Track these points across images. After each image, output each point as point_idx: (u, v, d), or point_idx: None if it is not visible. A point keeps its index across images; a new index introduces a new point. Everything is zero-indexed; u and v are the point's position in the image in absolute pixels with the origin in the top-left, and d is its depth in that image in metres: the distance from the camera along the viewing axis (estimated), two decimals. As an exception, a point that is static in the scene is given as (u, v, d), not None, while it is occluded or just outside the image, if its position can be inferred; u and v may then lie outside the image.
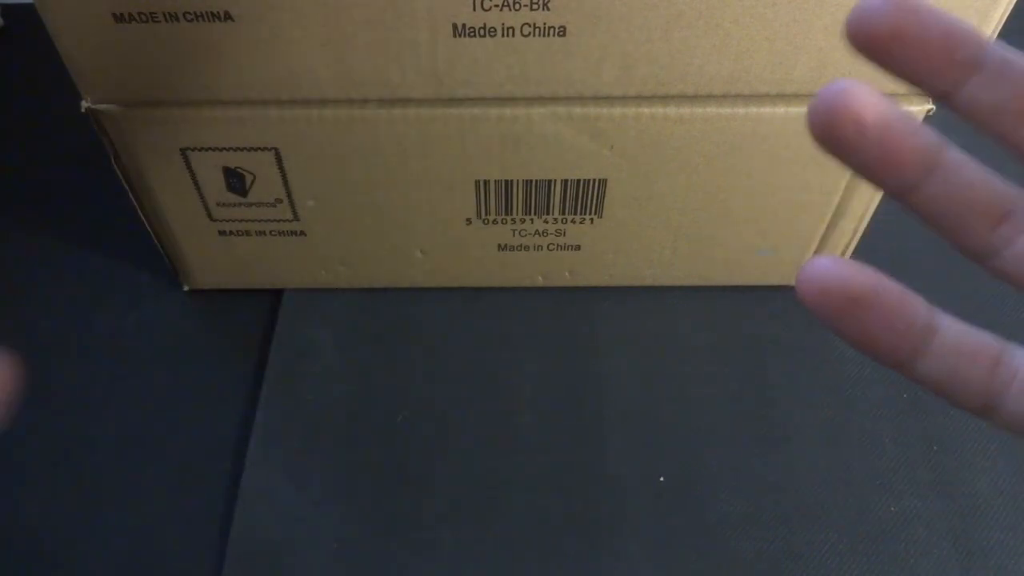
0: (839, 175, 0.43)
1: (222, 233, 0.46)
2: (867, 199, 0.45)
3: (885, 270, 0.25)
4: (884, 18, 0.16)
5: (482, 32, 0.35)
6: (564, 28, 0.35)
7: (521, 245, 0.48)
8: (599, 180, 0.43)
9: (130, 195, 0.44)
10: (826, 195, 0.44)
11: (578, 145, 0.41)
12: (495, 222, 0.46)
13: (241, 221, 0.46)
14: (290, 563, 0.40)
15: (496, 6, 0.34)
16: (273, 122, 0.40)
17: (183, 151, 0.41)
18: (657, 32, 0.36)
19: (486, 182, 0.43)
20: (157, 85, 0.38)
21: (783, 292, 0.50)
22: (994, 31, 0.36)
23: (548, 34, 0.36)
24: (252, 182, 0.43)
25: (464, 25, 0.35)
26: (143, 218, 0.45)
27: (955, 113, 0.17)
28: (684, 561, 0.41)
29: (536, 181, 0.43)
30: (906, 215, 0.19)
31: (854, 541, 0.41)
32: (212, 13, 0.35)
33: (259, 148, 0.41)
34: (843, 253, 0.48)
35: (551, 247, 0.48)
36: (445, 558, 0.41)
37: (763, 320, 0.50)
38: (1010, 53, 0.17)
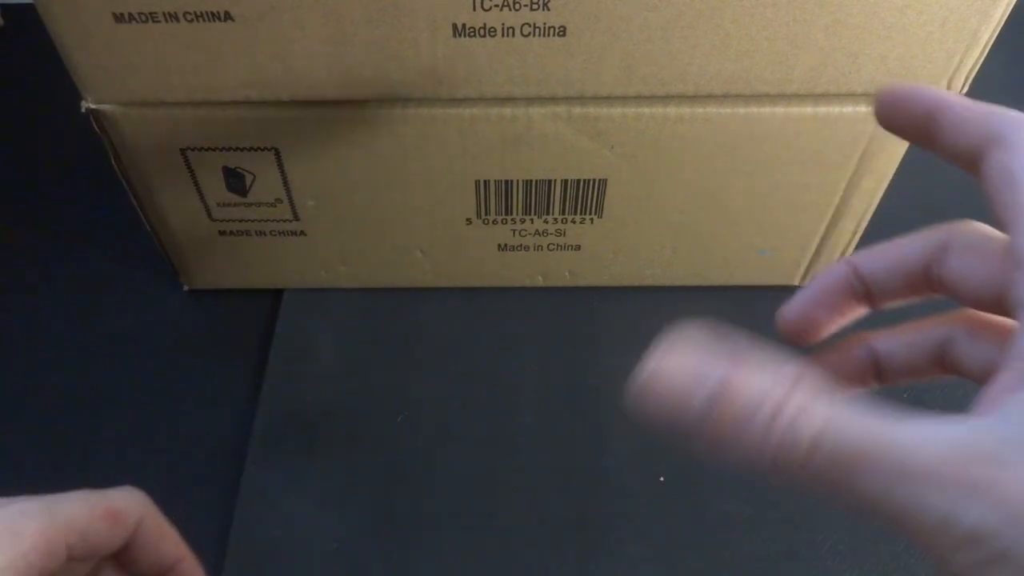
0: (839, 175, 0.43)
1: (222, 233, 0.46)
2: (867, 199, 0.45)
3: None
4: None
5: (482, 32, 0.35)
6: (564, 28, 0.35)
7: (521, 245, 0.48)
8: (599, 180, 0.43)
9: (130, 195, 0.44)
10: (826, 195, 0.44)
11: (578, 145, 0.41)
12: (495, 222, 0.46)
13: (241, 221, 0.46)
14: (290, 563, 0.40)
15: (496, 6, 0.34)
16: (273, 122, 0.40)
17: (183, 151, 0.41)
18: (657, 32, 0.36)
19: (486, 182, 0.43)
20: (157, 85, 0.38)
21: (783, 292, 0.50)
22: (994, 31, 0.36)
23: (548, 34, 0.36)
24: (252, 182, 0.43)
25: (464, 25, 0.35)
26: (143, 218, 0.45)
27: None
28: (684, 561, 0.41)
29: (536, 181, 0.43)
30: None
31: (854, 541, 0.41)
32: (212, 13, 0.35)
33: (259, 148, 0.41)
34: (843, 253, 0.48)
35: (551, 247, 0.48)
36: (445, 558, 0.41)
37: (763, 320, 0.50)
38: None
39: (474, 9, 0.35)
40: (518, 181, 0.43)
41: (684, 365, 0.15)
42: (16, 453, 0.44)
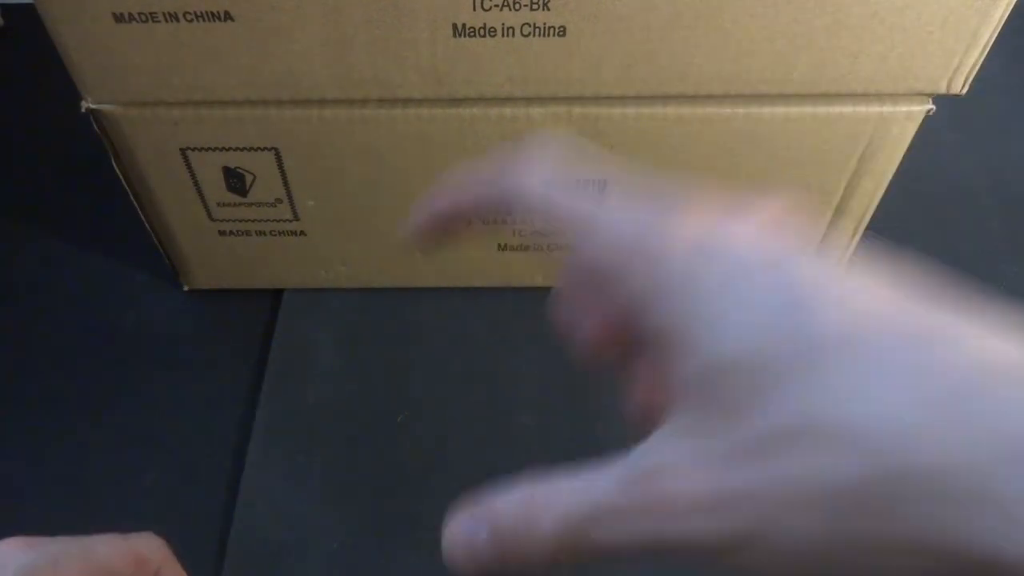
0: (839, 175, 0.43)
1: (222, 233, 0.46)
2: (867, 199, 0.45)
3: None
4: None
5: (482, 32, 0.35)
6: (564, 28, 0.35)
7: (521, 245, 0.48)
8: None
9: (130, 195, 0.44)
10: (826, 195, 0.44)
11: (578, 145, 0.41)
12: (495, 222, 0.46)
13: (241, 221, 0.46)
14: (290, 563, 0.40)
15: (496, 6, 0.34)
16: (273, 122, 0.40)
17: (183, 151, 0.41)
18: (657, 32, 0.36)
19: (486, 182, 0.43)
20: (157, 85, 0.38)
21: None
22: (994, 31, 0.36)
23: (548, 34, 0.36)
24: (252, 182, 0.43)
25: (464, 25, 0.35)
26: (143, 218, 0.45)
27: None
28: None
29: (536, 181, 0.43)
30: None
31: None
32: (212, 13, 0.35)
33: (259, 148, 0.41)
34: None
35: (551, 247, 0.48)
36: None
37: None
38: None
39: (474, 9, 0.35)
40: (518, 181, 0.43)
41: (459, 526, 0.19)
42: (16, 453, 0.44)
